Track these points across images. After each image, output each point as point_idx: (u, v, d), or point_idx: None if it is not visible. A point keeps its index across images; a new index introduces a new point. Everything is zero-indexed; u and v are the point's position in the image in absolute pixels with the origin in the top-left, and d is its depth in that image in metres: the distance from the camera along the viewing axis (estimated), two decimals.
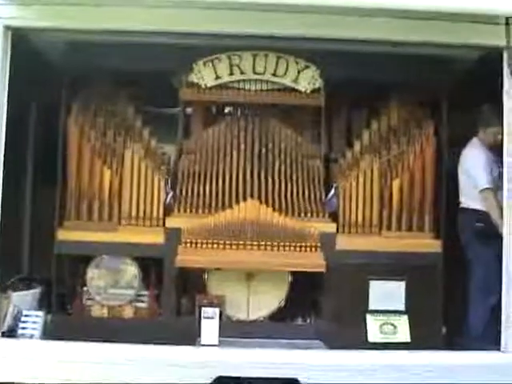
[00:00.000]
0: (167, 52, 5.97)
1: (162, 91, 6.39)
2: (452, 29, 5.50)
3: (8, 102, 5.53)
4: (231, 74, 6.15)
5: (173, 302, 5.93)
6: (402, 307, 5.90)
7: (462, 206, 6.13)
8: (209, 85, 6.14)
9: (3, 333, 5.64)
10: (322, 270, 5.77)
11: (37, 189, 6.89)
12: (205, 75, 6.13)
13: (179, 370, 5.23)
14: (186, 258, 5.78)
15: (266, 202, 5.95)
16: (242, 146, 6.24)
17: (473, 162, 6.05)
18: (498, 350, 5.41)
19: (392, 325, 5.80)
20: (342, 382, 5.20)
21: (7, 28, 5.45)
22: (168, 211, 6.00)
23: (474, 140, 6.15)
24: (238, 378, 5.24)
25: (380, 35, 5.56)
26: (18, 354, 5.35)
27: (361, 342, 5.66)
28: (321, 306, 5.97)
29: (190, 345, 5.47)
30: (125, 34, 5.67)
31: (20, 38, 5.59)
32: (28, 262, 6.82)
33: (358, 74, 6.09)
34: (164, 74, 6.28)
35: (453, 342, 5.74)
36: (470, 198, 6.04)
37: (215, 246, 5.78)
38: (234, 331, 5.74)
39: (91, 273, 5.97)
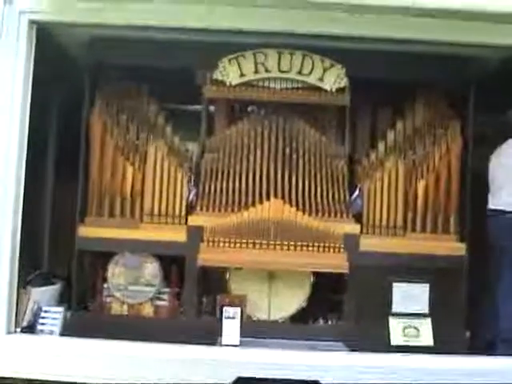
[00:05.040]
0: (192, 48, 5.92)
1: (185, 88, 6.33)
2: (479, 28, 5.45)
3: (31, 96, 5.53)
4: (256, 71, 6.06)
5: (194, 301, 5.88)
6: (425, 310, 5.82)
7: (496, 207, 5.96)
8: (233, 82, 6.06)
9: (23, 328, 5.63)
10: (345, 270, 5.73)
11: (58, 184, 6.85)
12: (230, 72, 6.05)
13: (199, 370, 5.21)
14: (208, 256, 5.73)
15: (290, 202, 5.88)
16: (266, 145, 6.18)
17: None
18: None
19: (415, 328, 5.72)
20: None
21: (32, 22, 5.45)
22: (190, 209, 5.95)
23: None
24: (258, 379, 5.21)
25: (407, 34, 5.52)
26: (37, 350, 5.34)
27: (383, 345, 5.57)
28: (343, 308, 5.89)
29: (210, 344, 5.43)
30: (149, 29, 5.65)
31: (44, 33, 5.58)
32: (48, 257, 6.78)
33: (384, 74, 6.01)
34: (188, 71, 6.22)
35: (476, 347, 5.68)
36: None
37: (238, 245, 5.73)
38: (255, 331, 5.68)
39: (112, 270, 5.94)
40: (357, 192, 6.02)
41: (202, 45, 5.90)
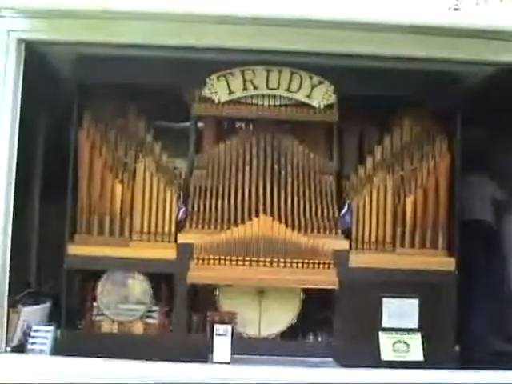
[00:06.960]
0: (180, 66, 5.92)
1: (174, 105, 6.35)
2: (467, 45, 5.48)
3: (20, 115, 5.53)
4: (245, 89, 6.07)
5: (184, 319, 5.87)
6: (415, 325, 5.84)
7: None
8: (222, 100, 6.06)
9: (13, 348, 5.60)
10: (335, 287, 5.74)
11: (47, 202, 6.83)
12: (218, 90, 6.05)
13: None
14: (198, 273, 5.74)
15: (279, 219, 5.89)
16: (255, 162, 6.19)
17: None
18: None
19: (405, 343, 5.73)
20: None
21: (20, 41, 5.45)
22: (180, 227, 5.94)
23: None
24: None
25: (394, 51, 5.55)
26: (27, 370, 5.32)
27: (373, 361, 5.59)
28: (333, 324, 5.89)
29: (201, 362, 5.43)
30: (136, 48, 5.66)
31: (32, 51, 5.58)
32: (37, 276, 6.76)
33: (372, 90, 6.02)
34: (176, 88, 6.25)
35: (467, 361, 5.69)
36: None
37: (227, 262, 5.73)
38: (245, 348, 5.68)
39: (101, 288, 5.91)
40: (345, 208, 6.01)
41: (191, 62, 5.90)
